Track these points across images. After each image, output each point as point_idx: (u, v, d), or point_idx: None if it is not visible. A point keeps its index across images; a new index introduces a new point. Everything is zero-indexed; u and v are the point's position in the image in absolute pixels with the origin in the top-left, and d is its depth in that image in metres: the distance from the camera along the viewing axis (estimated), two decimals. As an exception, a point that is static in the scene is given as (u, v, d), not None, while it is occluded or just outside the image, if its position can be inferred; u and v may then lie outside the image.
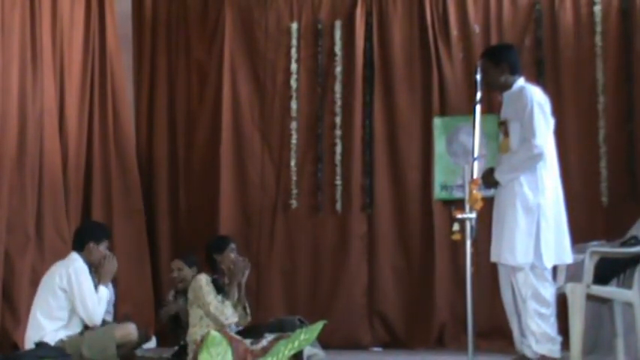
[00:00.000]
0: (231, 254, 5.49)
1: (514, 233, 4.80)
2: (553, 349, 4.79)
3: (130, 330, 5.01)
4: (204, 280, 5.32)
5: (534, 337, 4.78)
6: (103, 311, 5.03)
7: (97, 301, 4.93)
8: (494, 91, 5.31)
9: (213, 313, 5.20)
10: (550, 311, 4.79)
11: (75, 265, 4.96)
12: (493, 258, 4.96)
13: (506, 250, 4.81)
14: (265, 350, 4.71)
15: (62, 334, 4.84)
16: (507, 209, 4.86)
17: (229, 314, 5.23)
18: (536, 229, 4.78)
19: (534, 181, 4.81)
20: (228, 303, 5.29)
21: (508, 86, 5.04)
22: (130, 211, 6.84)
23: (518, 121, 4.89)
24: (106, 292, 5.05)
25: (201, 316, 5.27)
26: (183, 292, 5.78)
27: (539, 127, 4.80)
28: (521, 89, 4.96)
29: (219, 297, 5.31)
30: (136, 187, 6.93)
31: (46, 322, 4.85)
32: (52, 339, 4.83)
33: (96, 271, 5.07)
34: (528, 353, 4.86)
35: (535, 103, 4.84)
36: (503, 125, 5.00)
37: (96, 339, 4.82)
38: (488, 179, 4.90)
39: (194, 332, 5.28)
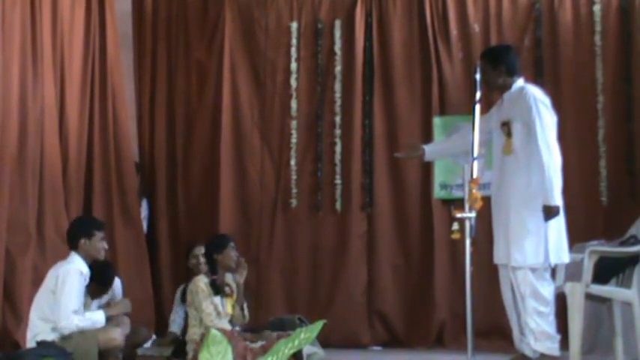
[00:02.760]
0: (232, 252, 5.49)
1: (523, 234, 4.79)
2: (552, 347, 4.80)
3: (114, 335, 4.82)
4: (202, 284, 5.30)
5: (533, 335, 4.79)
6: (78, 325, 4.76)
7: (75, 310, 4.75)
8: (494, 92, 5.31)
9: (206, 323, 5.20)
10: (549, 309, 4.80)
11: (66, 268, 4.87)
12: (500, 260, 4.95)
13: (516, 252, 4.80)
14: (265, 349, 4.72)
15: (54, 336, 4.77)
16: (512, 210, 4.86)
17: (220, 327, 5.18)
18: (544, 228, 4.78)
19: (540, 181, 4.80)
20: (224, 318, 5.28)
21: (507, 87, 5.05)
22: (129, 210, 6.83)
23: (520, 121, 4.89)
24: (100, 316, 4.91)
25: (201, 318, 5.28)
26: None
27: (547, 125, 4.81)
28: (521, 89, 4.97)
29: (218, 298, 5.31)
30: (133, 187, 6.91)
31: (40, 323, 4.80)
32: (44, 339, 4.78)
33: (93, 265, 4.98)
34: (528, 352, 4.86)
35: (538, 101, 4.86)
36: (505, 126, 5.00)
37: (79, 342, 4.71)
38: (551, 211, 4.74)
39: (193, 332, 5.29)
